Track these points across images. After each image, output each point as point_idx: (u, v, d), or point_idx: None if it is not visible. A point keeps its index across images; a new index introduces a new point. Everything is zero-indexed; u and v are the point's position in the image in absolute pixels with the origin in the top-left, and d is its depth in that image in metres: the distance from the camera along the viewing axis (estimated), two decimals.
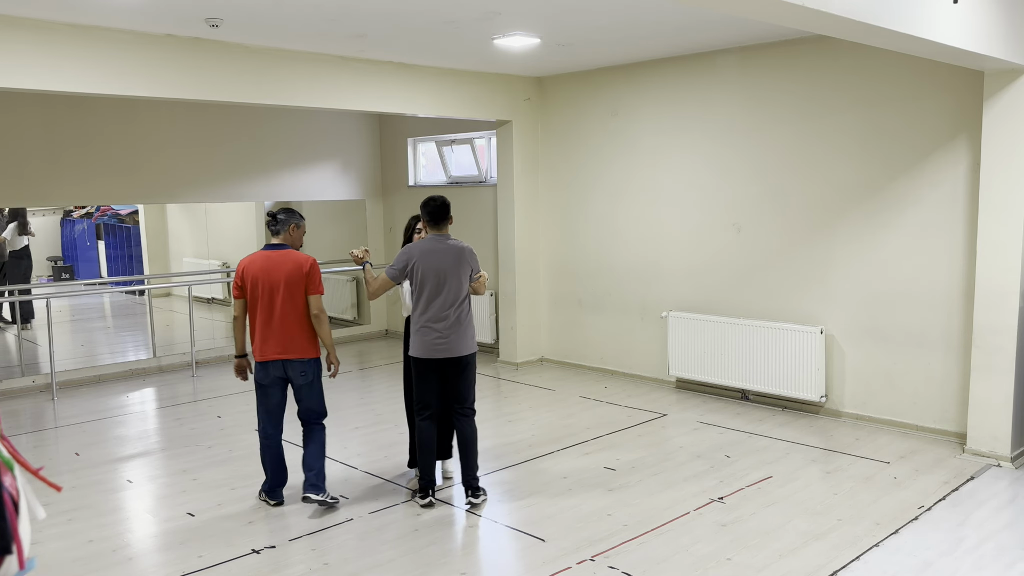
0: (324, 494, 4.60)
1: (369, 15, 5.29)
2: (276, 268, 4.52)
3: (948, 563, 3.88)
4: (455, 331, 4.52)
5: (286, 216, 4.65)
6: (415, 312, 4.60)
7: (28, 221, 10.41)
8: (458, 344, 4.53)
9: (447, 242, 4.59)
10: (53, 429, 6.43)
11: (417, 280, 4.53)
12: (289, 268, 4.52)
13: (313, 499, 4.58)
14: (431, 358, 4.53)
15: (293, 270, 4.52)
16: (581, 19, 5.53)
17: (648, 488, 4.90)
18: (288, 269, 4.52)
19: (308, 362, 4.60)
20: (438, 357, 4.52)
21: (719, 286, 6.92)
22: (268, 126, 8.97)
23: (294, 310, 4.53)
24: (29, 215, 10.34)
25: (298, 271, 4.52)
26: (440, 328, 4.50)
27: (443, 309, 4.50)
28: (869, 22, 3.60)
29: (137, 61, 5.59)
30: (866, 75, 5.91)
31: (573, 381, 7.64)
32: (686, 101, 7.02)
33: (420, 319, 4.54)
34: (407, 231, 5.13)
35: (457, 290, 4.55)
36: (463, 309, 4.58)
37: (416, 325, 4.57)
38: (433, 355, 4.52)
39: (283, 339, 4.53)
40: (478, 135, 8.86)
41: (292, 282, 4.52)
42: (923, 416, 5.86)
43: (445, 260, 4.52)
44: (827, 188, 6.21)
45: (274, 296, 4.52)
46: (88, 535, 4.33)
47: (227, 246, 11.51)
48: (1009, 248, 5.12)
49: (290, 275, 4.51)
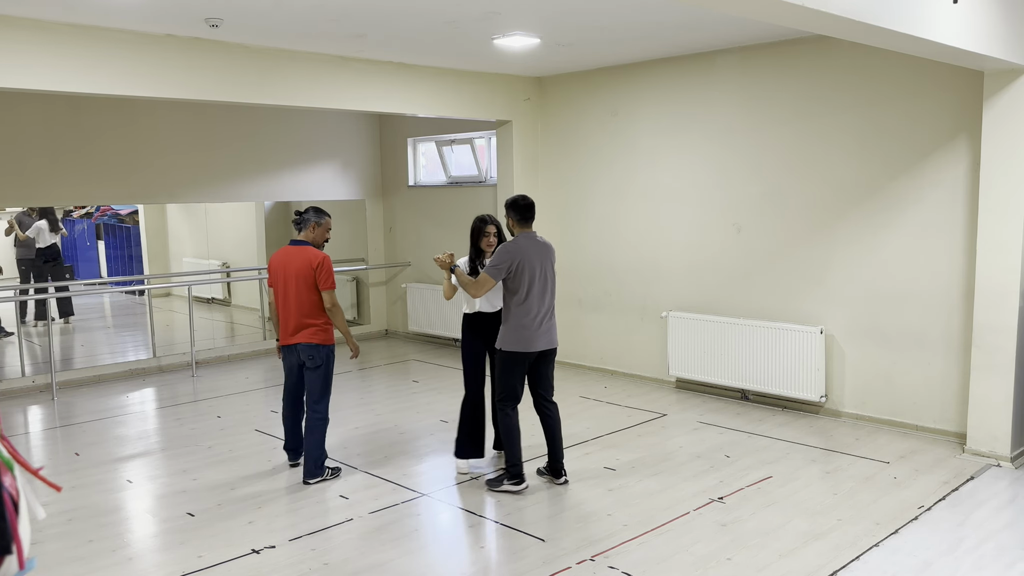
0: (321, 475, 5.06)
1: (369, 15, 5.29)
2: (292, 262, 4.95)
3: (948, 563, 3.88)
4: (552, 323, 4.87)
5: (309, 215, 5.06)
6: (516, 307, 4.74)
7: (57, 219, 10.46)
8: (554, 335, 4.89)
9: (538, 239, 4.88)
10: (53, 429, 6.44)
11: (522, 277, 4.72)
12: (301, 263, 4.93)
13: (311, 483, 5.01)
14: (532, 351, 4.77)
15: (304, 265, 4.92)
16: (581, 19, 5.53)
17: (648, 488, 4.90)
18: (300, 264, 4.92)
19: (316, 347, 4.97)
20: (540, 349, 4.80)
21: (719, 286, 6.92)
22: (268, 126, 8.97)
23: (305, 301, 4.93)
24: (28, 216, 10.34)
25: (308, 267, 4.91)
26: (542, 321, 4.79)
27: (545, 303, 4.81)
28: (869, 22, 3.60)
29: (137, 61, 5.59)
30: (866, 75, 5.92)
31: (573, 381, 7.64)
32: (686, 101, 7.02)
33: (523, 313, 4.73)
34: (475, 234, 5.15)
35: (553, 284, 4.88)
36: (554, 302, 4.90)
37: (518, 319, 4.74)
38: (535, 347, 4.78)
39: (296, 326, 4.97)
40: (478, 135, 8.86)
41: (302, 276, 4.91)
42: (923, 416, 5.86)
43: (542, 256, 4.83)
44: (827, 188, 6.21)
45: (288, 287, 4.96)
46: (88, 535, 4.34)
47: (227, 246, 11.51)
48: (1009, 248, 5.12)
49: (300, 269, 4.92)
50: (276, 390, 7.50)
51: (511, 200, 4.87)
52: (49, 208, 9.97)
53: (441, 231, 9.43)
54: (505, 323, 4.79)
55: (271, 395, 7.34)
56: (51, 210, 10.09)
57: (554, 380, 5.04)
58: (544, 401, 4.98)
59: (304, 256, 4.93)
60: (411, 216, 9.64)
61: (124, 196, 8.38)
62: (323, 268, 4.90)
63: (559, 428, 4.98)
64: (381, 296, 10.18)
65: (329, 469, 5.15)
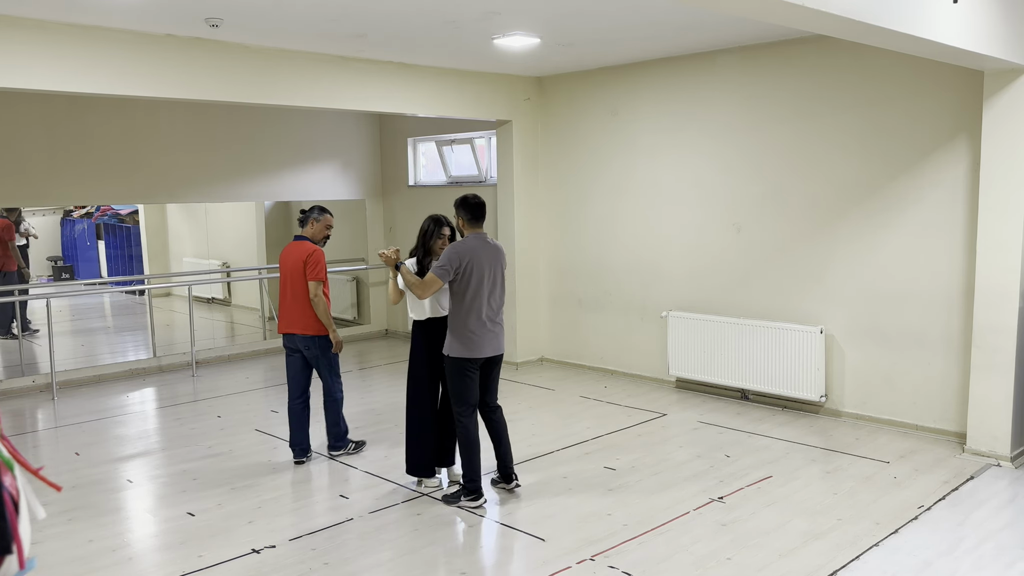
0: (344, 448, 5.49)
1: (369, 15, 5.29)
2: (289, 256, 5.28)
3: (948, 563, 3.88)
4: (501, 328, 4.67)
5: (310, 212, 5.39)
6: (462, 312, 4.50)
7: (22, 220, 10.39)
8: (502, 340, 4.70)
9: (488, 241, 4.65)
10: (53, 429, 6.44)
11: (469, 280, 4.49)
12: (297, 256, 5.22)
13: (336, 455, 5.47)
14: (480, 356, 4.56)
15: (299, 258, 5.20)
16: (581, 19, 5.53)
17: (648, 488, 4.90)
18: (296, 257, 5.22)
19: (311, 338, 5.25)
20: (489, 355, 4.60)
21: (719, 286, 6.92)
22: (268, 126, 8.97)
23: (300, 292, 5.21)
24: (28, 215, 10.35)
25: (301, 259, 5.19)
26: (491, 326, 4.59)
27: (492, 307, 4.59)
28: (869, 22, 3.60)
29: (137, 61, 5.59)
30: (866, 75, 5.92)
31: (573, 381, 7.64)
32: (686, 101, 7.02)
33: (470, 318, 4.51)
34: (427, 235, 4.78)
35: (502, 288, 4.69)
36: (503, 307, 4.71)
37: (465, 324, 4.51)
38: (484, 353, 4.57)
39: (291, 316, 5.27)
40: (478, 135, 8.86)
41: (297, 269, 5.21)
42: (923, 416, 5.86)
43: (492, 259, 4.60)
44: (827, 188, 6.21)
45: (286, 279, 5.28)
46: (88, 535, 4.34)
47: (227, 246, 11.52)
48: (1009, 248, 5.12)
49: (296, 263, 5.22)
50: (276, 390, 7.50)
51: (461, 198, 4.63)
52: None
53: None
54: (451, 329, 4.56)
55: (271, 395, 7.34)
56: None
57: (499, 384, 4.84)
58: (488, 408, 4.75)
59: (300, 250, 5.22)
60: (411, 216, 9.63)
61: (124, 196, 8.38)
62: (311, 260, 5.16)
63: (506, 432, 4.79)
64: (381, 296, 10.18)
65: (352, 442, 5.55)
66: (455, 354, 4.54)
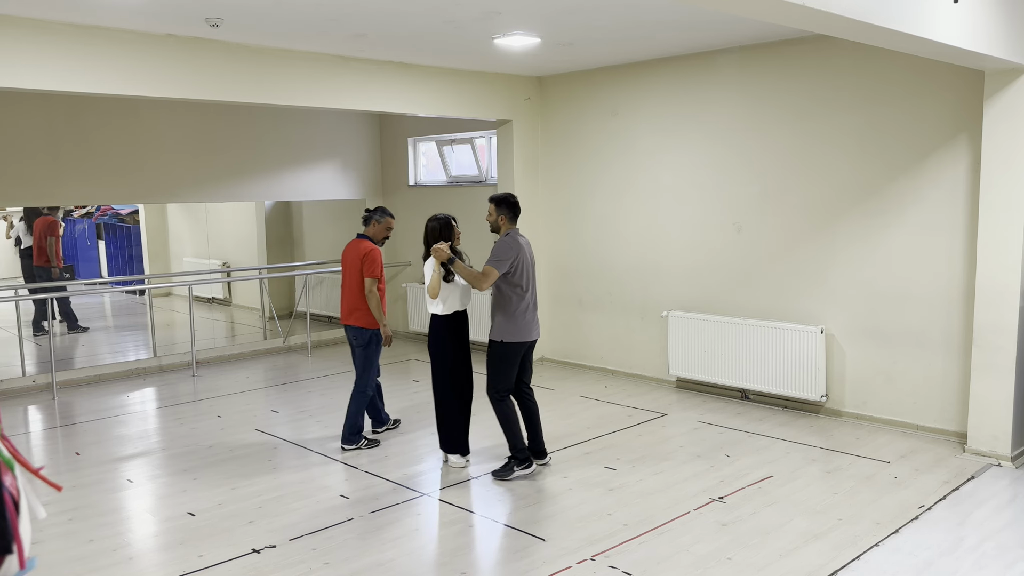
0: (357, 444, 5.63)
1: (369, 15, 5.29)
2: (349, 253, 5.68)
3: (948, 563, 3.88)
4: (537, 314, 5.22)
5: (374, 213, 5.77)
6: (517, 299, 4.96)
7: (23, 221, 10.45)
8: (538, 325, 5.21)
9: (523, 236, 5.14)
10: (54, 429, 6.44)
11: (522, 270, 4.98)
12: (355, 254, 5.62)
13: (348, 448, 5.62)
14: (529, 340, 5.06)
15: (356, 255, 5.61)
16: (581, 18, 5.53)
17: (648, 488, 4.90)
18: (354, 254, 5.62)
19: (357, 329, 5.63)
20: (535, 338, 5.11)
21: (719, 286, 6.92)
22: (268, 126, 8.97)
23: (354, 287, 5.61)
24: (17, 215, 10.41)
25: (358, 257, 5.59)
26: (536, 312, 5.13)
27: (536, 295, 5.15)
28: (869, 22, 3.60)
29: (137, 61, 5.59)
30: (866, 74, 5.91)
31: (573, 381, 7.64)
32: (686, 101, 7.02)
33: (523, 306, 5.01)
34: (438, 235, 5.11)
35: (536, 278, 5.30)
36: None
37: (520, 312, 4.99)
38: (533, 336, 5.08)
39: (345, 308, 5.67)
40: (478, 135, 8.86)
41: (354, 265, 5.61)
42: (923, 416, 5.86)
43: (530, 252, 5.11)
44: (827, 188, 6.21)
45: (344, 274, 5.70)
46: (88, 534, 4.34)
47: (227, 245, 11.52)
48: (1009, 247, 5.11)
49: (353, 259, 5.62)
50: (277, 390, 7.50)
51: (503, 197, 5.07)
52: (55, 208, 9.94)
53: None
54: (504, 315, 4.98)
55: (271, 395, 7.34)
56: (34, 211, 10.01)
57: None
58: (524, 387, 5.21)
59: (359, 248, 5.61)
60: (412, 216, 9.63)
61: (125, 196, 8.38)
62: (368, 257, 5.54)
63: (538, 411, 5.26)
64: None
65: (366, 439, 5.71)
66: (510, 339, 4.98)
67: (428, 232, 5.16)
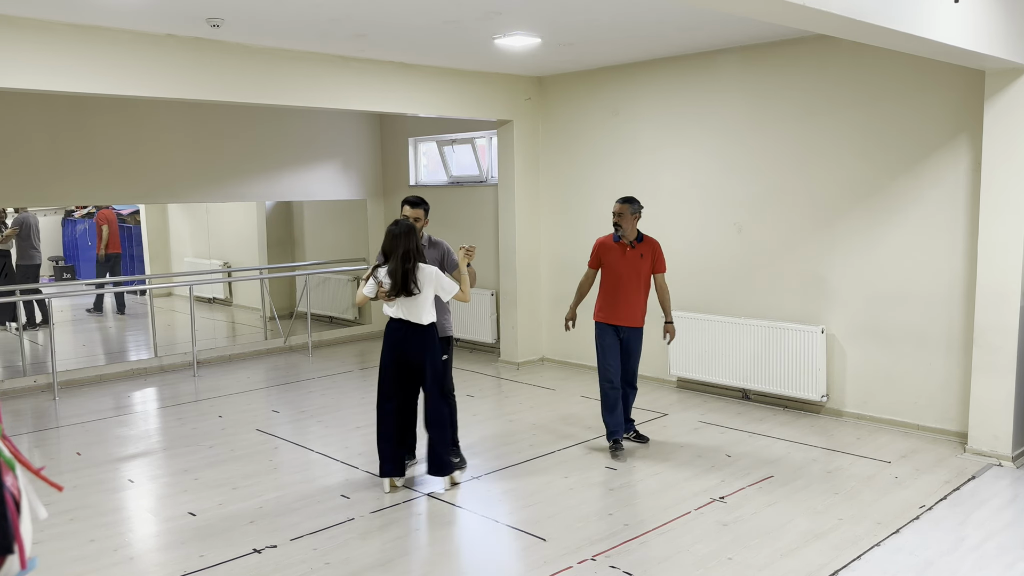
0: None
1: (370, 15, 5.29)
2: (631, 254, 5.71)
3: (949, 562, 3.88)
4: None
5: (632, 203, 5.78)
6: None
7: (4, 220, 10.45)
8: None
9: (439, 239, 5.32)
10: (54, 429, 6.44)
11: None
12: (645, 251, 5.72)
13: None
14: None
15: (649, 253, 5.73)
16: (582, 18, 5.53)
17: (649, 487, 4.90)
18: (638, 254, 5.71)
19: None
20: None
21: (720, 285, 6.92)
22: (269, 126, 8.97)
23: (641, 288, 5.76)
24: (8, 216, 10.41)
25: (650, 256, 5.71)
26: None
27: None
28: (870, 22, 3.60)
29: (137, 61, 5.60)
30: (867, 74, 5.91)
31: (574, 381, 7.64)
32: (687, 100, 7.02)
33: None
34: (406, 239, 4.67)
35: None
36: None
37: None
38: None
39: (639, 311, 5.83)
40: (479, 135, 8.86)
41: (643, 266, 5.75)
42: (924, 415, 5.85)
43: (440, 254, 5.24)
44: (828, 187, 6.20)
45: (627, 275, 5.76)
46: (89, 535, 4.34)
47: (228, 245, 11.52)
48: (1010, 247, 5.11)
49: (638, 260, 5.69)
50: (278, 390, 7.51)
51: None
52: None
53: (442, 231, 9.41)
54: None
55: (272, 395, 7.34)
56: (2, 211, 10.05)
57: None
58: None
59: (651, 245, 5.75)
60: None
61: (125, 196, 8.39)
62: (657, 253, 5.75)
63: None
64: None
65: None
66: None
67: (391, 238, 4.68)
